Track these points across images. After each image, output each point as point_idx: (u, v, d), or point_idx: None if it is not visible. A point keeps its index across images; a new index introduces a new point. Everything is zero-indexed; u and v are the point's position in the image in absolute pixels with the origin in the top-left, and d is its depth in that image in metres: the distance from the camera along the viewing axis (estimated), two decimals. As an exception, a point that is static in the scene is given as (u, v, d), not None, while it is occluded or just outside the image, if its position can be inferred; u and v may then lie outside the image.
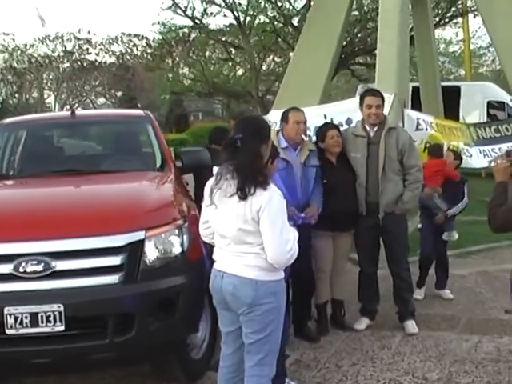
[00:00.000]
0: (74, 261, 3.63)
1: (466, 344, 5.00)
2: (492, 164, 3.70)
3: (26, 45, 28.42)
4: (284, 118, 5.01)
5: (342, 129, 9.02)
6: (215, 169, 3.25)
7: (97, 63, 28.03)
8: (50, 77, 29.17)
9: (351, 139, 5.28)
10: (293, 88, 10.17)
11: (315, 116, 8.73)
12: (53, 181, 4.81)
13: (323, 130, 5.33)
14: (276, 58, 19.97)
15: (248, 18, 16.31)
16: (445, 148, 8.97)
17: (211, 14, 16.61)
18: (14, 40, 28.61)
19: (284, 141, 4.95)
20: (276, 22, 15.92)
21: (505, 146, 8.94)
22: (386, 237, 5.29)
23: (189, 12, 16.54)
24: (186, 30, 18.03)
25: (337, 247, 5.33)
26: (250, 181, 3.03)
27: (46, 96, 30.51)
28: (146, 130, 5.56)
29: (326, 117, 8.96)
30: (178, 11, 16.76)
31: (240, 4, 16.02)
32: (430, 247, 6.13)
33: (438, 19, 16.31)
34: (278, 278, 3.20)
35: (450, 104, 13.04)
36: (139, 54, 23.38)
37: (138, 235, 3.74)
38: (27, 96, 30.33)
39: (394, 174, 5.16)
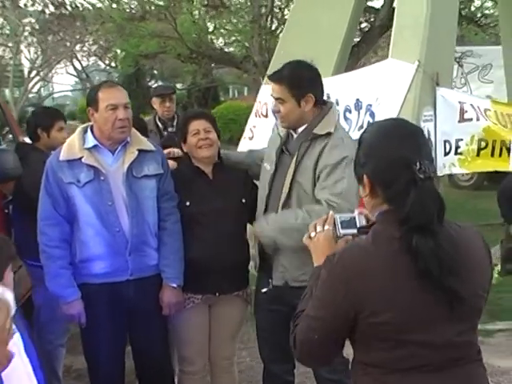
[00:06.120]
0: None
1: None
2: (305, 239, 1.87)
3: None
4: (92, 101, 2.92)
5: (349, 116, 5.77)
6: None
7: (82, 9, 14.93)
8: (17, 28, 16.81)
9: (273, 139, 3.06)
10: (291, 53, 6.89)
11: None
12: None
13: (183, 120, 3.25)
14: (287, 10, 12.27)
15: None
16: None
17: None
18: None
19: (92, 138, 2.94)
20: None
21: None
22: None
23: None
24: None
25: (216, 321, 3.17)
26: None
27: (7, 53, 19.15)
28: None
29: (328, 97, 5.65)
30: None
31: None
32: None
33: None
34: None
35: None
36: None
37: None
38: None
39: None
